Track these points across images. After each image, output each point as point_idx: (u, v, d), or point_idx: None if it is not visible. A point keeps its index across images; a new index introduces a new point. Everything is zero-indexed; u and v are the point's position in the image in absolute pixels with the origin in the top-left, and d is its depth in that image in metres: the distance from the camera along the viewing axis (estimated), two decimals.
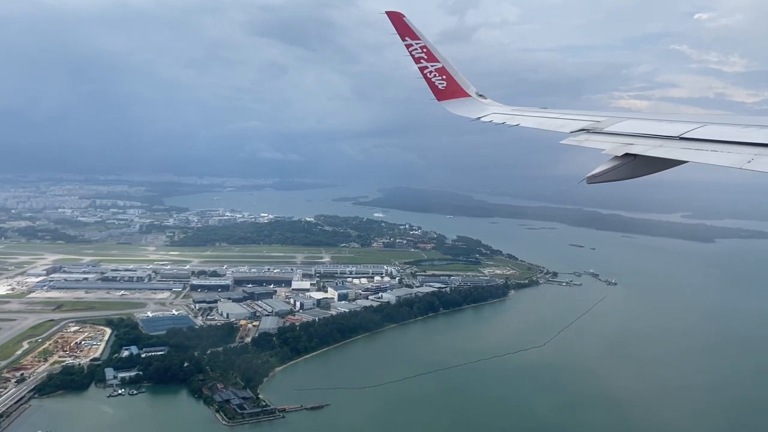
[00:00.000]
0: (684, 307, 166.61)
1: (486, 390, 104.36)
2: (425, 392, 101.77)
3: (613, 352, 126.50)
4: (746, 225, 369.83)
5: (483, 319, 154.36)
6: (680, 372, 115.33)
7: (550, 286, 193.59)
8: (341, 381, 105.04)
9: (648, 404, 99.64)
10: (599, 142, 15.55)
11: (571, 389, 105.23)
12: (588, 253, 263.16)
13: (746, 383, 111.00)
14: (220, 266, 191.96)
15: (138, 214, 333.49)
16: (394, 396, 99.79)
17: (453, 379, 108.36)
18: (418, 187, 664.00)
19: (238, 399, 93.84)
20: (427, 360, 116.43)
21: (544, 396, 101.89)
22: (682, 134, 13.78)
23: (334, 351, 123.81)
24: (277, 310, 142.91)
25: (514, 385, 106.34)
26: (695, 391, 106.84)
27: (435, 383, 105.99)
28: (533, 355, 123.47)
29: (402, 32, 25.03)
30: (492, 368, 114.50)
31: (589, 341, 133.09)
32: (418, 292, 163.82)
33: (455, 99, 25.86)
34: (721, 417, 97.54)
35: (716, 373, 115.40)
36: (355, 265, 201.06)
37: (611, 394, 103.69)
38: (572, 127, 17.77)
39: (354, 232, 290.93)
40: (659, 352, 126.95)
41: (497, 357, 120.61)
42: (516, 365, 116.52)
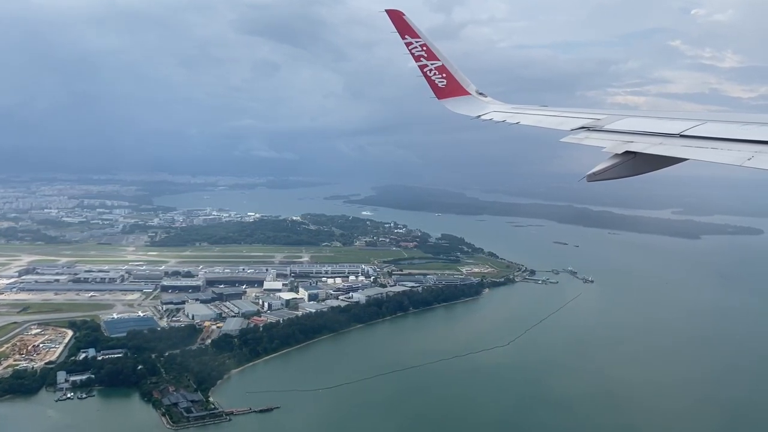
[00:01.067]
0: (656, 305, 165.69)
1: (439, 391, 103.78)
2: (378, 394, 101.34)
3: (574, 351, 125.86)
4: (735, 221, 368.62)
5: (452, 319, 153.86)
6: (638, 372, 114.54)
7: (526, 284, 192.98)
8: (297, 383, 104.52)
9: (596, 405, 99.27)
10: (599, 140, 15.68)
11: (524, 390, 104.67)
12: (571, 250, 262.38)
13: (706, 382, 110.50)
14: (196, 266, 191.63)
15: (124, 214, 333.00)
16: (347, 398, 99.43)
17: (409, 380, 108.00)
18: (411, 185, 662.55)
19: (187, 402, 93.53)
20: (387, 361, 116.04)
21: (496, 397, 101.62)
22: (682, 132, 13.81)
23: (295, 352, 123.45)
24: (243, 311, 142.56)
25: (468, 386, 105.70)
26: (650, 391, 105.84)
27: (390, 384, 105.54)
28: (495, 354, 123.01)
29: (402, 30, 25.14)
30: (451, 368, 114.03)
31: (554, 341, 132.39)
32: (389, 292, 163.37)
33: (455, 97, 26.02)
34: (674, 417, 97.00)
35: (676, 372, 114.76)
36: (332, 265, 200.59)
37: (564, 395, 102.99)
38: (572, 125, 17.91)
39: (338, 231, 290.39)
40: (621, 351, 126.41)
41: (458, 357, 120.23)
42: (475, 365, 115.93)
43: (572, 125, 17.87)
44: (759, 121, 13.13)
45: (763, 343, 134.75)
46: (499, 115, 22.84)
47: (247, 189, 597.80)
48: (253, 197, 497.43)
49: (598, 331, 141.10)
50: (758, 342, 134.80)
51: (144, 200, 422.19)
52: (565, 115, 19.60)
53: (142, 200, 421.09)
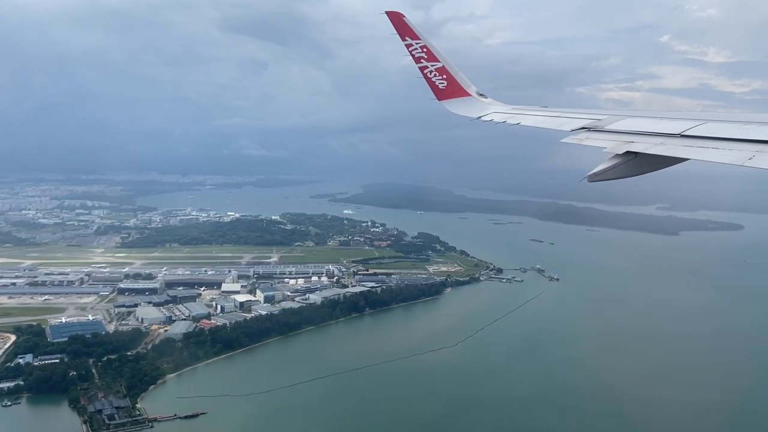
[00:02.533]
0: (614, 304, 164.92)
1: (372, 395, 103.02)
2: (310, 398, 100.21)
3: (520, 352, 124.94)
4: (718, 216, 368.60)
5: (406, 319, 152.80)
6: (578, 373, 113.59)
7: (490, 283, 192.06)
8: (231, 388, 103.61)
9: (527, 408, 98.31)
10: (600, 141, 15.77)
11: (459, 392, 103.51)
12: (545, 248, 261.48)
13: (643, 383, 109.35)
14: (161, 268, 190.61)
15: (103, 215, 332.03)
16: (278, 402, 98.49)
17: (346, 383, 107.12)
18: (401, 183, 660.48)
19: (111, 409, 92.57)
20: (328, 363, 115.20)
21: (427, 400, 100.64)
22: (683, 132, 13.88)
23: (240, 355, 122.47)
24: (194, 314, 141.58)
25: (404, 389, 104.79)
26: (585, 393, 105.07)
27: (325, 388, 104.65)
28: (441, 356, 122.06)
29: (402, 32, 25.20)
30: (392, 371, 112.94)
31: (502, 341, 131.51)
32: (347, 293, 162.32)
33: (456, 98, 26.11)
34: (604, 419, 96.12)
35: (615, 373, 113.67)
36: (297, 265, 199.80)
37: (498, 397, 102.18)
38: (573, 126, 18.03)
39: (315, 230, 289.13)
40: (566, 352, 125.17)
41: (402, 359, 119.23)
42: (417, 367, 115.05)
43: (573, 126, 18.01)
44: (759, 121, 13.20)
45: (713, 341, 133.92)
46: (499, 116, 23.07)
47: (234, 188, 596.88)
48: (238, 196, 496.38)
49: (548, 330, 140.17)
50: (708, 341, 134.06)
51: (127, 200, 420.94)
52: (565, 115, 19.77)
53: (125, 200, 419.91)
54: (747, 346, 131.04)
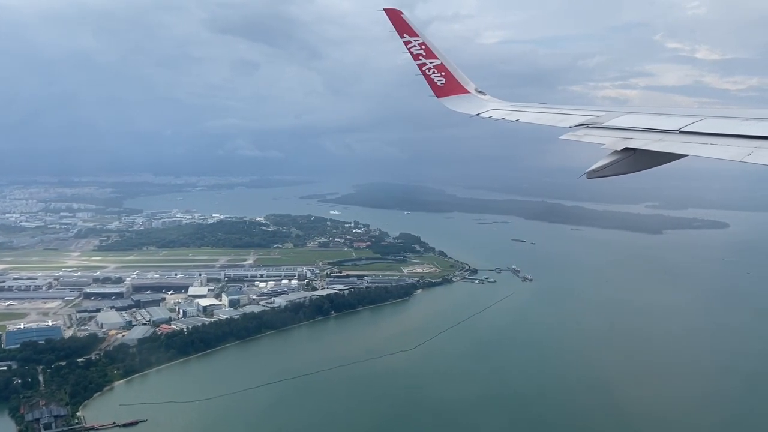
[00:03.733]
0: (583, 305, 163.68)
1: (318, 400, 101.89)
2: (255, 405, 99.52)
3: (478, 354, 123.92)
4: (705, 215, 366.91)
5: (371, 322, 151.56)
6: (534, 376, 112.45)
7: (463, 284, 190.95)
8: (177, 394, 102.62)
9: (475, 411, 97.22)
10: (598, 137, 15.72)
11: (408, 396, 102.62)
12: (526, 248, 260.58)
13: (600, 387, 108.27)
14: (133, 271, 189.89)
15: (87, 218, 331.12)
16: (221, 409, 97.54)
17: (295, 388, 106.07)
18: (394, 182, 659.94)
19: (50, 417, 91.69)
20: (281, 368, 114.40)
21: (374, 405, 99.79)
22: (682, 128, 13.87)
23: (194, 361, 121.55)
24: (155, 319, 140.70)
25: (352, 394, 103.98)
26: (538, 396, 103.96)
27: (272, 394, 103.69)
28: (397, 359, 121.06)
29: (400, 29, 25.28)
30: (344, 375, 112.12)
31: (463, 343, 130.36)
32: (313, 296, 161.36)
33: (454, 96, 26.11)
34: (553, 424, 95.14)
35: (571, 376, 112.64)
36: (270, 268, 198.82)
37: (448, 401, 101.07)
38: (571, 122, 17.98)
39: (297, 232, 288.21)
40: (525, 354, 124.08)
41: (357, 363, 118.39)
42: (371, 371, 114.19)
43: (571, 122, 17.95)
44: (758, 117, 13.20)
45: (677, 343, 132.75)
46: (498, 113, 23.04)
47: (225, 189, 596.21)
48: (228, 198, 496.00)
49: (509, 333, 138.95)
50: (673, 342, 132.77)
51: (114, 203, 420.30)
52: (564, 112, 19.75)
53: (113, 203, 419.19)
54: (701, 346, 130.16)
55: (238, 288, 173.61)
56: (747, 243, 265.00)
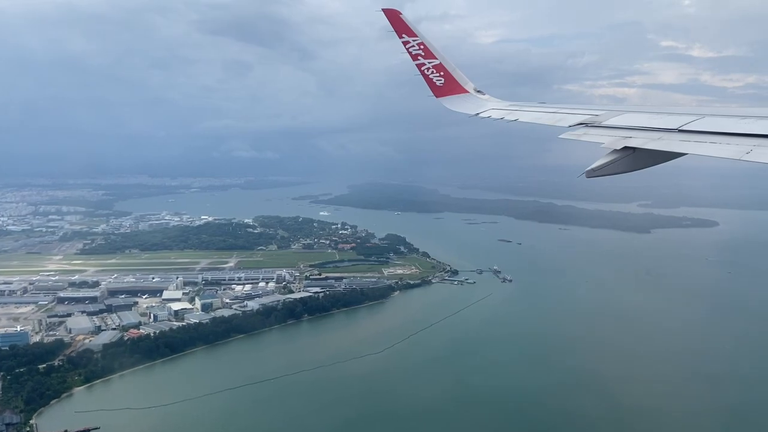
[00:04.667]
0: (560, 306, 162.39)
1: (279, 406, 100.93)
2: (213, 411, 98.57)
3: (445, 358, 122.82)
4: (696, 213, 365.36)
5: (343, 325, 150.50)
6: (499, 380, 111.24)
7: (441, 285, 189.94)
8: (135, 400, 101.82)
9: (434, 418, 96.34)
10: (598, 136, 15.71)
11: (368, 402, 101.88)
12: (511, 248, 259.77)
13: (560, 392, 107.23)
14: (111, 275, 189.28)
15: (75, 221, 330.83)
16: (177, 415, 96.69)
17: (256, 394, 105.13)
18: (389, 183, 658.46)
19: (2, 425, 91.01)
20: (244, 373, 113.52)
21: (333, 411, 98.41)
22: (681, 127, 13.90)
23: (159, 366, 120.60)
24: (124, 324, 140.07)
25: (313, 400, 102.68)
26: (501, 403, 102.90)
27: (232, 400, 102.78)
28: (364, 363, 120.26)
29: (399, 29, 25.54)
30: (308, 380, 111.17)
31: (431, 346, 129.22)
32: (287, 299, 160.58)
33: (453, 95, 26.07)
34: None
35: (535, 380, 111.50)
36: (249, 271, 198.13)
37: (408, 406, 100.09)
38: (570, 122, 17.98)
39: (283, 233, 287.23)
40: (492, 358, 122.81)
41: (322, 367, 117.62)
42: (336, 375, 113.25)
43: (571, 121, 17.93)
44: (757, 115, 13.22)
45: (639, 344, 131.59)
46: (497, 113, 23.03)
47: (219, 190, 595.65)
48: (221, 199, 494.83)
49: (479, 335, 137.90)
50: (634, 344, 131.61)
51: (105, 205, 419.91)
52: (563, 111, 19.72)
53: (103, 205, 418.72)
54: (670, 348, 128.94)
55: (214, 291, 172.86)
56: (733, 242, 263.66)
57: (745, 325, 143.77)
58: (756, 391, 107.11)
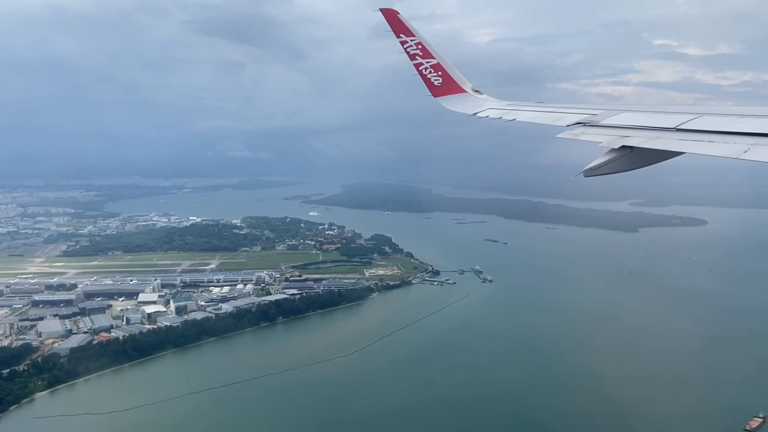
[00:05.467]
0: (536, 307, 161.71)
1: (241, 410, 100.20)
2: (174, 416, 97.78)
3: (415, 360, 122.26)
4: (686, 211, 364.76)
5: (317, 327, 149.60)
6: (465, 383, 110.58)
7: (421, 286, 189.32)
8: (96, 405, 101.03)
9: (395, 422, 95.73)
10: (596, 135, 15.77)
11: (330, 406, 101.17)
12: (497, 248, 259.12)
13: (518, 395, 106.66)
14: (90, 277, 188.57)
15: (63, 222, 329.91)
16: (135, 421, 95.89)
17: (219, 398, 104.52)
18: (383, 182, 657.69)
19: None
20: (210, 377, 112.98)
21: (292, 415, 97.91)
22: (678, 125, 13.90)
23: (126, 369, 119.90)
24: (96, 327, 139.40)
25: (273, 404, 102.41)
26: (465, 407, 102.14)
27: (194, 405, 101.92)
28: (331, 366, 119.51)
29: (396, 29, 25.39)
30: (274, 383, 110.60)
31: (402, 348, 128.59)
32: (262, 301, 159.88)
33: (451, 95, 26.11)
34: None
35: (501, 383, 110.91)
36: (229, 272, 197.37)
37: (370, 410, 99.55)
38: (568, 121, 17.98)
39: (269, 234, 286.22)
40: (460, 360, 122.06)
41: (289, 370, 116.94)
42: (302, 379, 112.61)
43: (569, 121, 17.95)
44: (754, 114, 13.23)
45: (612, 344, 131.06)
46: (494, 113, 23.04)
47: (212, 191, 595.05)
48: (212, 200, 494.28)
49: (452, 336, 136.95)
50: (609, 344, 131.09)
51: (95, 206, 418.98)
52: (561, 111, 19.75)
53: (93, 206, 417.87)
54: (639, 348, 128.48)
55: (191, 294, 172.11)
56: (719, 241, 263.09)
57: (715, 325, 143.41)
58: (717, 391, 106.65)
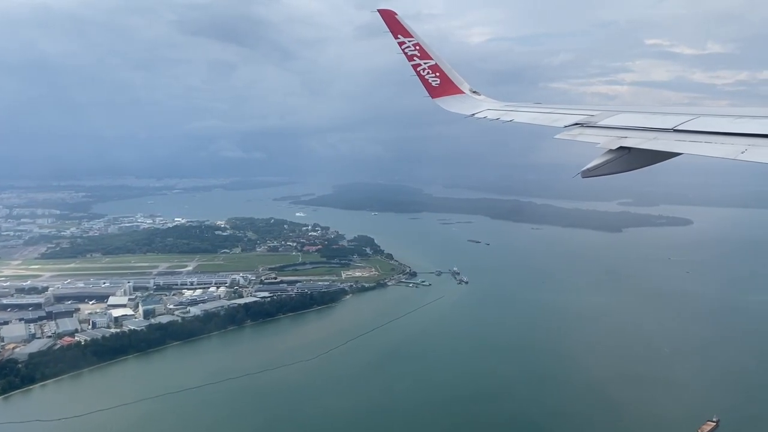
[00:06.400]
0: (507, 309, 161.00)
1: (193, 417, 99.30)
2: (122, 423, 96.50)
3: (375, 365, 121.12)
4: (674, 211, 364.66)
5: (285, 331, 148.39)
6: (422, 389, 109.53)
7: (396, 288, 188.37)
8: (48, 412, 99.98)
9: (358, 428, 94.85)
10: (593, 136, 15.81)
11: (278, 414, 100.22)
12: (479, 248, 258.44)
13: (486, 400, 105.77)
14: (65, 280, 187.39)
15: (47, 224, 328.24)
16: (85, 428, 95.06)
17: (173, 404, 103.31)
18: (375, 183, 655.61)
19: None
20: (167, 383, 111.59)
21: (251, 420, 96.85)
22: (676, 126, 13.94)
23: (85, 374, 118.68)
24: (60, 331, 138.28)
25: (229, 410, 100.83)
26: (421, 413, 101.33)
27: (147, 411, 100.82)
28: (293, 370, 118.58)
29: (394, 30, 25.41)
30: (231, 388, 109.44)
31: (367, 352, 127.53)
32: (231, 304, 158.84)
33: (449, 96, 26.14)
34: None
35: (466, 387, 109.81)
36: (205, 275, 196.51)
37: (323, 416, 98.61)
38: (566, 122, 17.99)
39: (252, 235, 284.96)
40: (423, 364, 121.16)
41: (249, 375, 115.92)
42: (261, 384, 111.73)
43: (566, 122, 17.97)
44: (751, 114, 13.31)
45: (578, 346, 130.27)
46: (492, 113, 23.09)
47: (203, 191, 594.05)
48: (202, 200, 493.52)
49: (419, 340, 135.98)
50: (575, 347, 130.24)
51: (82, 207, 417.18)
52: (559, 111, 19.77)
53: (81, 207, 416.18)
54: (600, 353, 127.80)
55: (161, 297, 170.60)
56: (702, 241, 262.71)
57: (681, 327, 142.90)
58: (673, 394, 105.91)
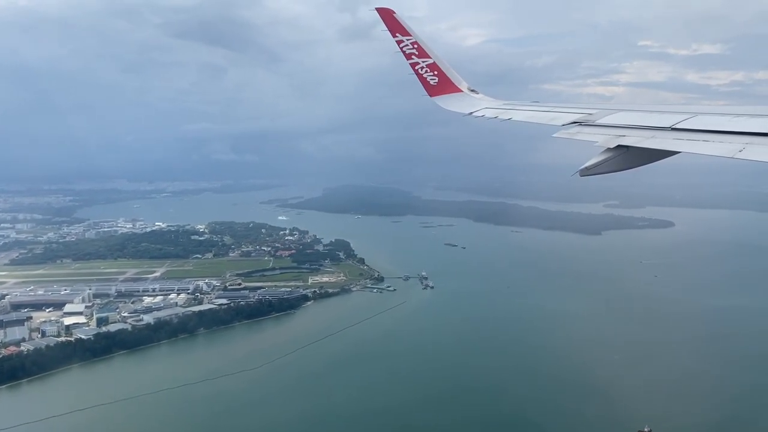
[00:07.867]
0: (471, 315, 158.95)
1: (123, 428, 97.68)
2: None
3: (322, 374, 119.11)
4: (657, 213, 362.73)
5: (238, 339, 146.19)
6: (366, 399, 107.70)
7: (361, 294, 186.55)
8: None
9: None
10: (591, 135, 15.78)
11: (211, 424, 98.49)
12: (454, 252, 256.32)
13: (434, 407, 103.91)
14: (27, 287, 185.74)
15: (26, 229, 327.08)
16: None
17: (104, 416, 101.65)
18: (366, 185, 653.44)
19: None
20: (103, 393, 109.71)
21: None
22: (674, 125, 13.97)
23: (24, 385, 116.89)
24: (6, 340, 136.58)
25: (160, 422, 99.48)
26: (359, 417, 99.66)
27: (76, 423, 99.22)
28: (235, 379, 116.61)
29: (392, 28, 25.43)
30: (168, 398, 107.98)
31: (315, 360, 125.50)
32: (186, 311, 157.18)
33: (447, 94, 26.19)
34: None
35: (417, 394, 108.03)
36: (170, 281, 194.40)
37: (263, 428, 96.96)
38: (564, 120, 17.99)
39: (229, 240, 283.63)
40: (370, 373, 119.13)
41: (188, 385, 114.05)
42: (199, 393, 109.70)
43: (564, 120, 17.98)
44: (749, 113, 13.31)
45: (533, 352, 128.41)
46: (490, 112, 23.02)
47: (192, 195, 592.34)
48: (189, 204, 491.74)
49: (370, 348, 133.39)
50: (528, 353, 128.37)
51: (66, 212, 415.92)
52: (556, 110, 19.76)
53: (64, 212, 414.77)
54: (548, 359, 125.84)
55: (118, 304, 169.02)
56: (679, 243, 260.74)
57: (633, 332, 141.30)
58: (608, 402, 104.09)
